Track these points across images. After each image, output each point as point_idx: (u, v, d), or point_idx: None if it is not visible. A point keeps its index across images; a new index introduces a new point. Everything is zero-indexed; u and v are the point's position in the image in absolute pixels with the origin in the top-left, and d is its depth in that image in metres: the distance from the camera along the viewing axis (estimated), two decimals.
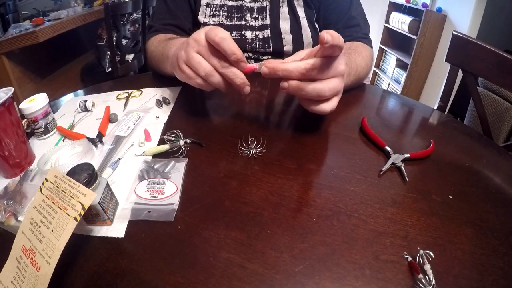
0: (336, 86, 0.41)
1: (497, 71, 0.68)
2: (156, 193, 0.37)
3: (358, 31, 0.70)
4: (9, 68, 1.41)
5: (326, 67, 0.39)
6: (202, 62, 0.42)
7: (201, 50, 0.43)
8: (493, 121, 1.24)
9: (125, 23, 1.80)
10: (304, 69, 0.39)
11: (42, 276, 0.26)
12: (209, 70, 0.42)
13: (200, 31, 0.43)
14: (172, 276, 0.29)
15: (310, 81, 0.40)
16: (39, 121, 0.49)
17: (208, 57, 0.42)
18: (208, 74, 0.43)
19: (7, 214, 0.34)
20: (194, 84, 0.45)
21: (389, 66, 2.66)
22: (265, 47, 0.75)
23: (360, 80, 0.64)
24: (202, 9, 0.75)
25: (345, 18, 0.71)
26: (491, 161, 0.46)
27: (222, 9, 0.75)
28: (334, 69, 0.40)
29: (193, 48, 0.43)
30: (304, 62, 0.39)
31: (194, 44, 0.43)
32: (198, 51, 0.43)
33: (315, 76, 0.39)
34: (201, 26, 0.75)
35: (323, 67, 0.39)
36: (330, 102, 0.43)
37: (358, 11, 0.72)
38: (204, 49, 0.42)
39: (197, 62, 0.43)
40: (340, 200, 0.37)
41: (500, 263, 0.30)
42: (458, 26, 1.99)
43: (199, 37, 0.42)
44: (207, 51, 0.42)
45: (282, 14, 0.73)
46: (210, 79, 0.43)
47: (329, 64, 0.39)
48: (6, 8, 1.80)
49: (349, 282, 0.28)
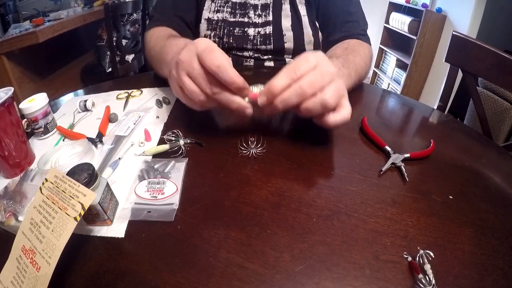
0: (336, 88, 0.39)
1: (497, 71, 0.68)
2: (156, 193, 0.37)
3: (356, 27, 0.70)
4: (9, 68, 1.41)
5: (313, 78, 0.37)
6: (195, 91, 0.39)
7: (192, 74, 0.39)
8: (493, 121, 1.24)
9: (125, 23, 1.81)
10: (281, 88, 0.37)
11: (42, 276, 0.26)
12: (203, 99, 0.40)
13: (190, 50, 0.39)
14: (172, 276, 0.29)
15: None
16: (39, 121, 0.49)
17: (200, 83, 0.39)
18: (202, 104, 0.41)
19: (7, 214, 0.34)
20: (194, 108, 0.43)
21: (389, 66, 2.66)
22: (266, 44, 0.75)
23: (361, 80, 0.64)
24: (207, 4, 0.75)
25: (344, 14, 0.71)
26: (491, 161, 0.46)
27: (227, 4, 0.75)
28: (322, 76, 0.38)
29: (184, 70, 0.39)
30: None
31: (186, 66, 0.39)
32: (189, 73, 0.39)
33: (307, 91, 0.37)
34: (204, 22, 0.75)
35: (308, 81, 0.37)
36: (341, 107, 0.40)
37: (357, 8, 0.72)
38: (196, 72, 0.38)
39: (190, 91, 0.39)
40: (340, 200, 0.37)
41: (500, 263, 0.30)
42: (458, 26, 1.99)
43: (190, 59, 0.39)
44: (199, 76, 0.38)
45: (284, 11, 0.73)
46: (206, 105, 0.41)
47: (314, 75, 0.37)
48: (6, 9, 1.80)
49: (349, 282, 0.28)
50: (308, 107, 0.38)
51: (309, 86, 0.37)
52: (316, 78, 0.37)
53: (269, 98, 0.39)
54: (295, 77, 0.38)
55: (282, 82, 0.38)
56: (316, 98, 0.38)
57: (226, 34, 0.75)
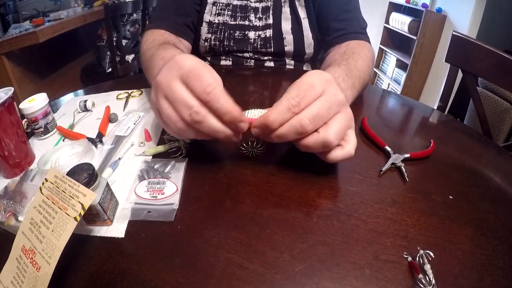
0: (342, 123, 0.34)
1: (497, 71, 0.68)
2: (156, 193, 0.37)
3: (354, 25, 0.67)
4: (9, 68, 1.41)
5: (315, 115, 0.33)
6: (172, 117, 0.34)
7: (169, 97, 0.34)
8: (493, 121, 1.24)
9: (125, 23, 1.81)
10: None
11: (42, 276, 0.26)
12: (181, 127, 0.34)
13: (170, 69, 0.34)
14: (172, 276, 0.29)
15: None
16: (39, 121, 0.49)
17: (179, 109, 0.33)
18: (180, 133, 0.35)
19: (7, 214, 0.34)
20: (173, 135, 0.38)
21: (389, 67, 2.67)
22: (266, 47, 0.75)
23: (366, 85, 0.59)
24: (208, 7, 0.75)
25: (340, 12, 0.68)
26: (491, 161, 0.46)
27: (228, 8, 0.75)
28: (328, 109, 0.33)
29: (161, 92, 0.34)
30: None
31: (164, 89, 0.34)
32: (167, 96, 0.34)
33: (307, 129, 0.33)
34: (205, 25, 0.74)
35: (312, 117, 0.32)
36: (345, 141, 0.36)
37: (354, 7, 0.70)
38: (174, 96, 0.33)
39: (167, 116, 0.34)
40: (340, 200, 0.37)
41: (500, 263, 0.30)
42: (458, 26, 1.99)
43: (169, 81, 0.33)
44: (177, 100, 0.33)
45: (284, 14, 0.73)
46: (184, 134, 0.35)
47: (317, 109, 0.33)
48: (6, 9, 1.80)
49: (349, 282, 0.28)
50: (308, 145, 0.34)
51: (311, 122, 0.32)
52: (320, 111, 0.33)
53: (265, 132, 0.34)
54: (296, 110, 0.32)
55: (280, 116, 0.33)
56: (317, 136, 0.33)
57: (226, 38, 0.74)
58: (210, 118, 0.33)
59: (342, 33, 0.66)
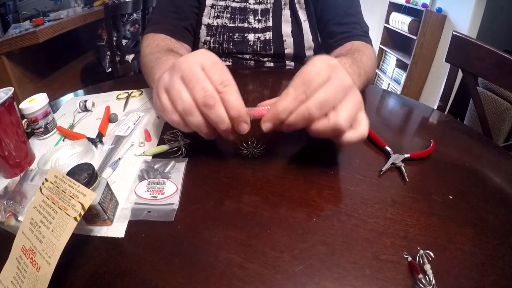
0: (352, 105, 0.34)
1: (497, 71, 0.68)
2: (156, 193, 0.37)
3: (357, 28, 0.68)
4: (9, 68, 1.41)
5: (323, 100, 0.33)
6: (183, 94, 0.34)
7: (186, 78, 0.34)
8: (493, 121, 1.24)
9: (125, 23, 1.81)
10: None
11: (42, 276, 0.26)
12: (188, 105, 0.34)
13: (195, 59, 0.35)
14: (172, 276, 0.29)
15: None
16: (39, 121, 0.49)
17: (194, 86, 0.33)
18: (186, 111, 0.34)
19: (7, 214, 0.34)
20: (169, 120, 0.37)
21: (389, 66, 2.67)
22: (266, 50, 0.74)
23: (369, 81, 0.60)
24: (207, 10, 0.74)
25: (344, 15, 0.68)
26: (491, 161, 0.46)
27: (226, 10, 0.74)
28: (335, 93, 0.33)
29: (179, 75, 0.35)
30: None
31: (186, 71, 0.34)
32: (183, 77, 0.34)
33: (315, 114, 0.33)
34: (204, 28, 0.74)
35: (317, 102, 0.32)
36: (357, 123, 0.35)
37: (356, 10, 0.70)
38: (195, 76, 0.34)
39: (177, 91, 0.34)
40: (340, 200, 0.37)
41: (500, 263, 0.30)
42: (458, 26, 1.99)
43: (193, 66, 0.34)
44: (195, 77, 0.34)
45: (284, 17, 0.73)
46: (188, 117, 0.35)
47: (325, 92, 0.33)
48: (6, 9, 1.80)
49: (349, 282, 0.28)
50: (319, 130, 0.34)
51: (317, 109, 0.33)
52: (327, 96, 0.33)
53: (275, 123, 0.35)
54: (303, 97, 0.33)
55: (288, 105, 0.33)
56: (327, 121, 0.33)
57: (226, 40, 0.74)
58: (220, 106, 0.34)
59: (345, 36, 0.67)
